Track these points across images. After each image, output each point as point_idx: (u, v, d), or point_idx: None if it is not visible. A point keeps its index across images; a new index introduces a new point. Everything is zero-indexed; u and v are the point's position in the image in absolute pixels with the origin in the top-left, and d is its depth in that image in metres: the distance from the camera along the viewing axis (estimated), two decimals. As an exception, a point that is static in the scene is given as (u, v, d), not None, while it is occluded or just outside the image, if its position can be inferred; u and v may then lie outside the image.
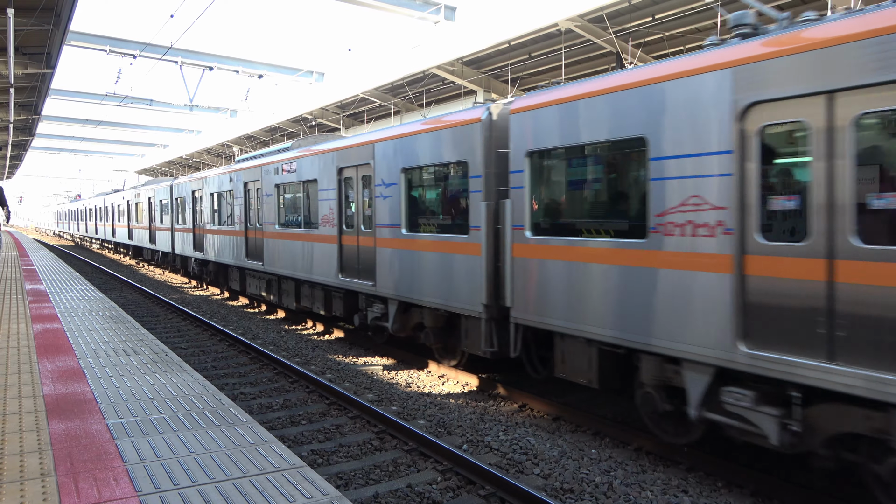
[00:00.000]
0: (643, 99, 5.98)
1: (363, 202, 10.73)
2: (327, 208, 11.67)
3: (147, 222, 26.89)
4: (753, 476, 5.69)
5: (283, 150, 14.31)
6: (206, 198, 18.78)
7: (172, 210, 22.66)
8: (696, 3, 13.70)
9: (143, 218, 27.70)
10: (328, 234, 11.62)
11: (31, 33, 13.41)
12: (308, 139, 14.02)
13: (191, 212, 20.25)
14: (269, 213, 14.30)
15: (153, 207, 25.79)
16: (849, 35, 4.55)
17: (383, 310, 10.35)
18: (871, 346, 4.39)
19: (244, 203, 15.92)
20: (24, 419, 4.32)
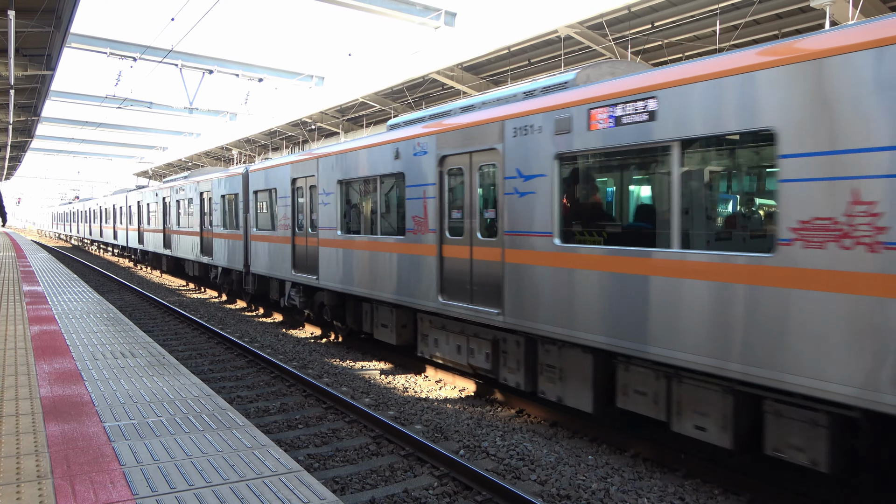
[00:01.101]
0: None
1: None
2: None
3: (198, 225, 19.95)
4: (750, 483, 5.69)
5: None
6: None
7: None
8: (695, 11, 13.77)
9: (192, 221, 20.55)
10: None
11: (32, 35, 13.43)
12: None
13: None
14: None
15: (207, 204, 19.16)
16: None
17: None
18: None
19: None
20: (21, 421, 4.31)
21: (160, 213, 24.01)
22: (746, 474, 5.88)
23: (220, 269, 18.52)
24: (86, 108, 38.28)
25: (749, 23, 13.78)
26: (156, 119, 46.78)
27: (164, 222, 23.57)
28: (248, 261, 15.78)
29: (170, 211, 22.55)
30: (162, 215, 23.81)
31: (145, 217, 26.70)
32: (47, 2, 11.75)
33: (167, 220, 23.16)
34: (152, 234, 25.71)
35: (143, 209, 26.68)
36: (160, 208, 23.88)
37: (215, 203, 18.04)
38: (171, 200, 22.30)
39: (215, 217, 18.00)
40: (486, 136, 7.62)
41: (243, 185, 16.04)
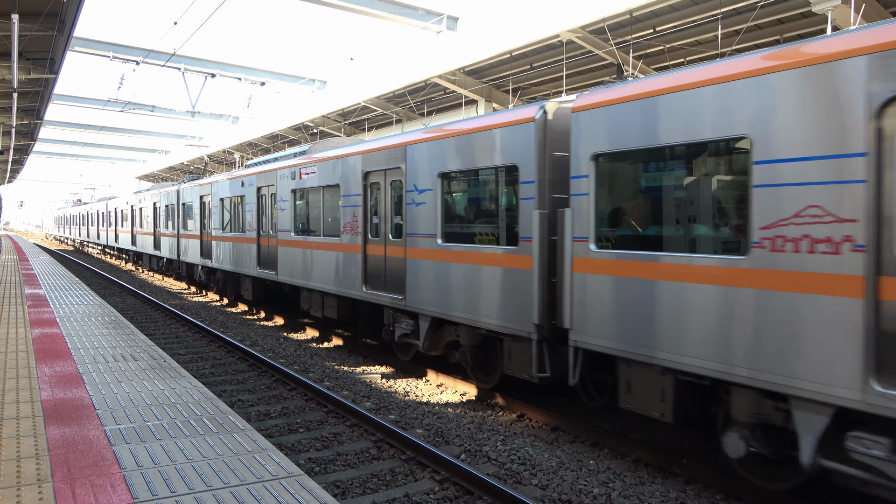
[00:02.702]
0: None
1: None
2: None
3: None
4: (752, 489, 5.67)
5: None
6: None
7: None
8: (697, 16, 13.79)
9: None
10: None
11: (35, 39, 13.47)
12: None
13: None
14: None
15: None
16: None
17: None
18: None
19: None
20: (22, 424, 4.31)
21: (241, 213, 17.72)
22: (749, 480, 5.85)
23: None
24: (88, 111, 38.46)
25: (751, 28, 13.80)
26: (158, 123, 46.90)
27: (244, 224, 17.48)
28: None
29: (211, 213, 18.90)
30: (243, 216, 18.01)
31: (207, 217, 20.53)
32: (50, 6, 11.79)
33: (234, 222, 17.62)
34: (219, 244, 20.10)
35: (206, 209, 20.13)
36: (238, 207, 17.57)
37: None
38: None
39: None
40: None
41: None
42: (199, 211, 19.56)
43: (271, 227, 14.45)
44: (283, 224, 13.73)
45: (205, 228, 19.27)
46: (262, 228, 14.96)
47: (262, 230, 14.95)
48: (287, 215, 13.52)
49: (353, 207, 10.98)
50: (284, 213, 13.61)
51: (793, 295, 4.83)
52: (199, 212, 19.64)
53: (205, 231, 19.29)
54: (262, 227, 15.03)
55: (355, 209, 10.94)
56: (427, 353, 9.35)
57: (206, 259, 19.09)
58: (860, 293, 4.44)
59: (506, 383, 9.50)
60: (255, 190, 15.16)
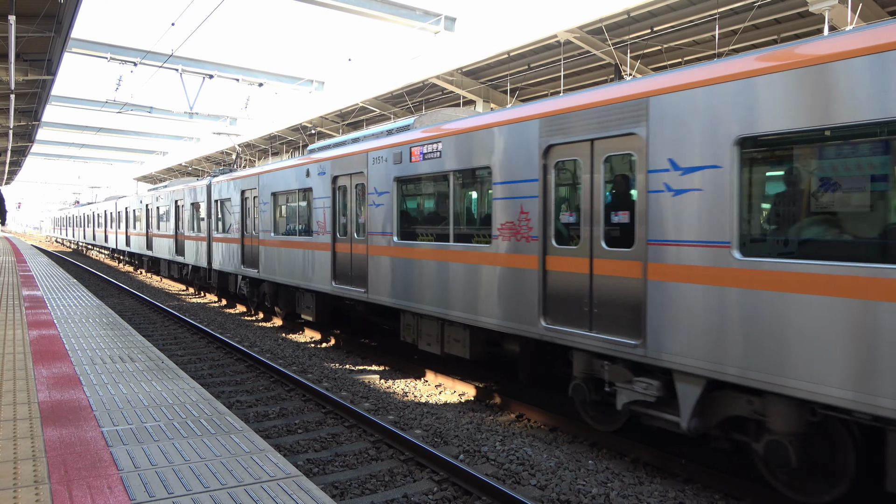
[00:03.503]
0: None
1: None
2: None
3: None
4: (751, 488, 5.67)
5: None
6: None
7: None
8: (694, 16, 13.81)
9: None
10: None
11: (33, 40, 13.46)
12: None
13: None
14: None
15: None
16: None
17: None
18: None
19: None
20: (19, 426, 4.30)
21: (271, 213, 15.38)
22: (747, 479, 5.86)
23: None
24: (86, 112, 38.43)
25: (748, 27, 13.82)
26: (156, 124, 46.88)
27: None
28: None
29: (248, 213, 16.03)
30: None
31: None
32: (48, 7, 11.78)
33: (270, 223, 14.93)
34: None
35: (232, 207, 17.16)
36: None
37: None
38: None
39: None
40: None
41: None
42: (241, 209, 15.88)
43: (357, 229, 10.90)
44: (377, 224, 10.08)
45: (247, 230, 15.53)
46: (341, 230, 11.47)
47: (341, 232, 11.45)
48: (386, 213, 9.87)
49: (523, 200, 7.35)
50: (381, 209, 9.98)
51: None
52: (239, 210, 15.95)
53: (247, 234, 15.53)
54: (339, 229, 11.53)
55: (524, 203, 7.36)
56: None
57: (249, 268, 15.30)
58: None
59: (506, 384, 9.49)
60: (330, 180, 11.53)
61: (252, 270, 15.11)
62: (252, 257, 15.22)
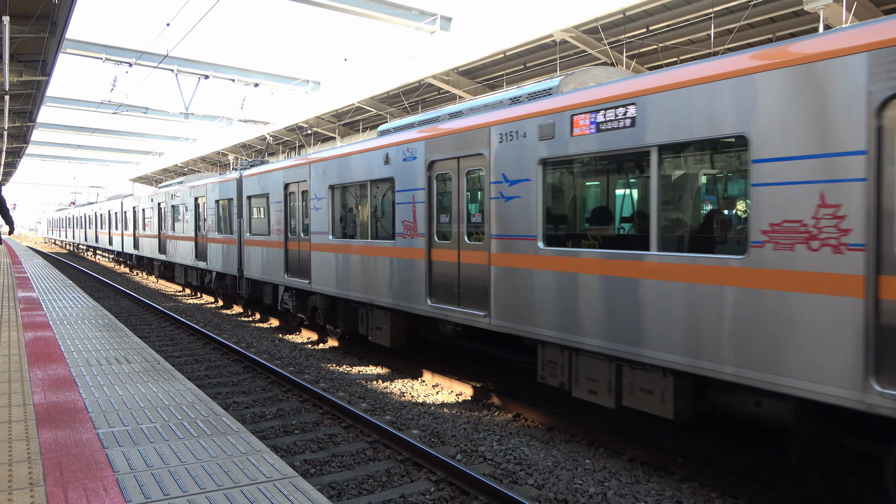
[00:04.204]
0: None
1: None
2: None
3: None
4: (748, 487, 5.68)
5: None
6: None
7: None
8: (690, 15, 13.83)
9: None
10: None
11: (27, 41, 13.42)
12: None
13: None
14: None
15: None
16: None
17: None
18: None
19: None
20: (14, 428, 4.28)
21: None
22: (744, 477, 5.87)
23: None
24: (81, 113, 38.31)
25: (743, 27, 13.84)
26: (151, 124, 46.78)
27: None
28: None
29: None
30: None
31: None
32: (42, 7, 11.74)
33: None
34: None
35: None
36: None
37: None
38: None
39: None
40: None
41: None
42: (284, 206, 13.33)
43: (470, 232, 8.27)
44: (510, 225, 7.52)
45: (294, 232, 13.04)
46: (442, 232, 8.79)
47: (441, 235, 8.79)
48: (524, 209, 7.31)
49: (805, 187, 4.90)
50: (516, 205, 7.40)
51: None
52: (282, 208, 13.37)
53: (294, 236, 13.03)
54: (438, 231, 8.85)
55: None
56: None
57: (296, 278, 12.84)
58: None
59: (503, 383, 9.48)
60: (424, 167, 8.94)
61: (300, 281, 12.60)
62: (300, 265, 12.71)
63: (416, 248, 9.13)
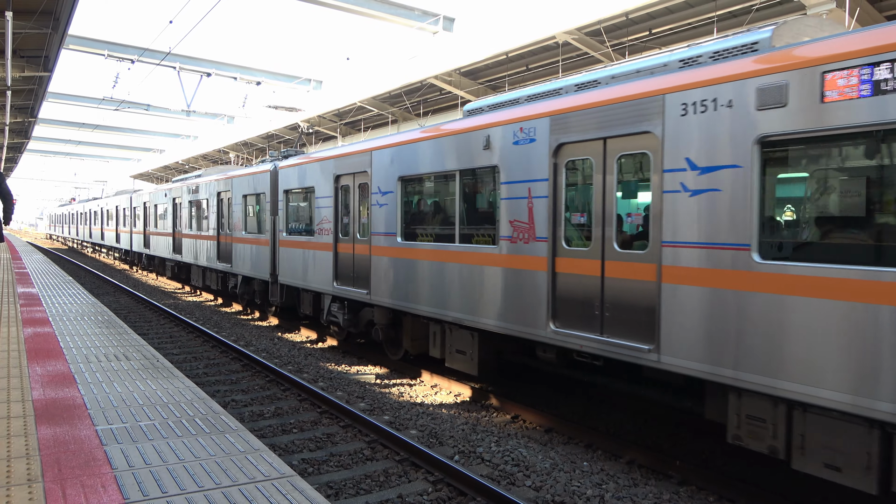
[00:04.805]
0: None
1: None
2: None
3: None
4: (746, 490, 5.68)
5: None
6: None
7: None
8: (692, 19, 13.84)
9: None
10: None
11: (30, 36, 13.43)
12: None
13: None
14: None
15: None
16: None
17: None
18: None
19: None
20: (12, 424, 4.28)
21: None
22: (742, 481, 5.87)
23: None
24: (83, 109, 38.34)
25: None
26: (153, 121, 46.83)
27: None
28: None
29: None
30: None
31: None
32: (45, 3, 11.75)
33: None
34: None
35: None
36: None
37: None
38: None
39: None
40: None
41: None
42: (334, 202, 11.32)
43: (620, 239, 6.37)
44: (695, 227, 5.60)
45: (346, 233, 11.09)
46: (572, 236, 6.88)
47: (570, 241, 6.86)
48: (726, 207, 5.37)
49: None
50: (708, 201, 5.48)
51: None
52: (331, 204, 11.39)
53: (345, 237, 11.10)
54: (566, 235, 6.89)
55: None
56: None
57: (349, 286, 10.89)
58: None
59: (502, 385, 9.48)
60: (548, 152, 6.93)
61: (354, 290, 10.66)
62: (355, 272, 10.78)
63: (533, 257, 7.10)
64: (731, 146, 5.29)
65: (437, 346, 9.13)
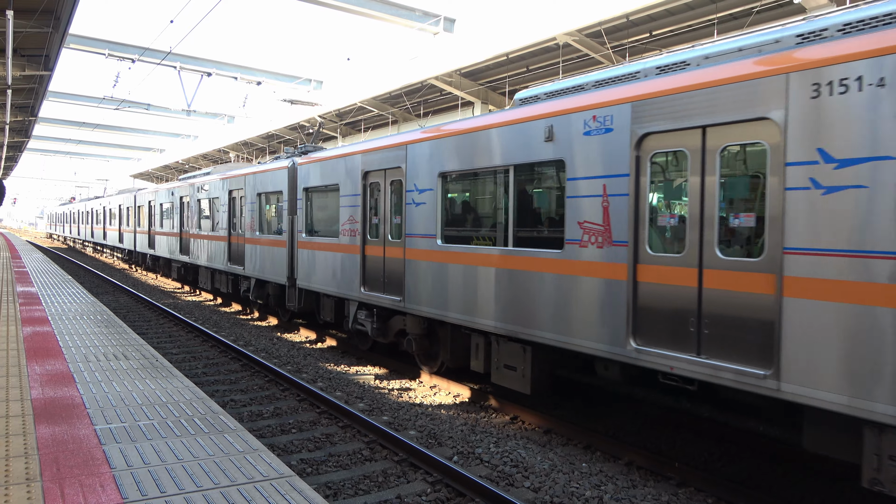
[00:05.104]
0: None
1: None
2: None
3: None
4: (744, 492, 5.68)
5: None
6: None
7: None
8: (693, 21, 13.85)
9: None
10: None
11: (30, 35, 13.42)
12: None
13: None
14: None
15: None
16: None
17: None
18: None
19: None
20: (11, 423, 4.28)
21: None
22: (740, 483, 5.87)
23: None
24: (83, 109, 38.35)
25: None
26: (153, 121, 46.84)
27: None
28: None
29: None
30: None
31: None
32: (46, 2, 11.74)
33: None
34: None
35: None
36: None
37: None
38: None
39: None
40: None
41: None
42: (364, 201, 10.49)
43: (723, 242, 5.49)
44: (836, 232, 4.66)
45: (375, 234, 10.21)
46: (656, 240, 6.03)
47: (662, 243, 6.00)
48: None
49: None
50: (842, 200, 4.62)
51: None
52: (362, 202, 10.49)
53: (374, 239, 10.22)
54: (647, 238, 6.01)
55: None
56: None
57: (377, 292, 10.01)
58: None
59: (500, 385, 9.47)
60: (630, 143, 6.09)
61: (385, 297, 9.73)
62: (386, 276, 9.88)
63: (608, 264, 6.27)
64: (891, 133, 4.38)
65: (480, 360, 8.26)
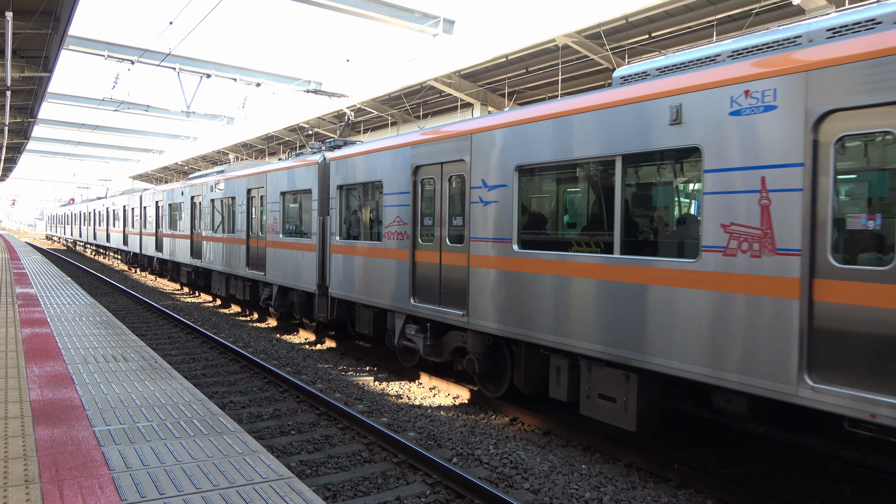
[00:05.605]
0: None
1: None
2: None
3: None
4: (743, 494, 5.68)
5: None
6: None
7: None
8: (692, 22, 13.86)
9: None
10: None
11: (30, 37, 13.42)
12: None
13: None
14: None
15: None
16: None
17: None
18: None
19: None
20: (10, 424, 4.27)
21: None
22: (740, 485, 5.87)
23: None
24: (82, 110, 38.33)
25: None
26: (153, 122, 46.79)
27: None
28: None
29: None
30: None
31: None
32: (45, 4, 11.74)
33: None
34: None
35: None
36: None
37: None
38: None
39: None
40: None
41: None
42: (414, 200, 9.26)
43: None
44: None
45: (429, 238, 9.01)
46: (833, 245, 4.67)
47: (858, 254, 4.64)
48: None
49: None
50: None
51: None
52: (411, 201, 9.26)
53: (427, 243, 9.02)
54: (830, 245, 4.66)
55: None
56: None
57: (433, 304, 8.84)
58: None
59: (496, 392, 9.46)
60: (804, 125, 4.74)
61: (446, 311, 8.54)
62: (445, 286, 8.62)
63: (769, 277, 4.96)
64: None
65: (563, 387, 7.04)
